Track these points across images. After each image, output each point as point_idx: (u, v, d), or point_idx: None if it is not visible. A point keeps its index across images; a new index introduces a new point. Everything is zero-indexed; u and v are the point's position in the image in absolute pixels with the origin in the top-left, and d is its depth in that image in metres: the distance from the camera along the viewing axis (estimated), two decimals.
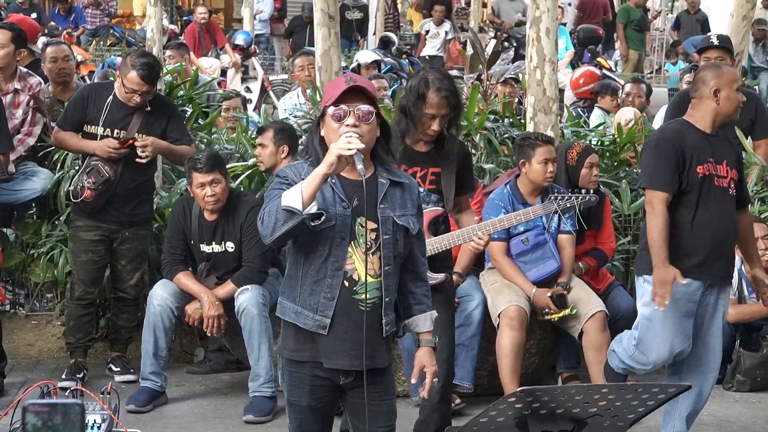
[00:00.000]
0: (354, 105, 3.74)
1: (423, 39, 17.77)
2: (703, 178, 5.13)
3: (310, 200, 3.65)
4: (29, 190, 6.86)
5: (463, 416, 5.98)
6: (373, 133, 3.79)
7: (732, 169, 5.21)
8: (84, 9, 18.51)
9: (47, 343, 7.18)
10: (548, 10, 7.08)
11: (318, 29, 8.24)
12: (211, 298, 6.15)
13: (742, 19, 8.70)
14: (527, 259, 6.25)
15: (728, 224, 5.19)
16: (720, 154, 5.20)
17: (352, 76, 3.84)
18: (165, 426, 5.94)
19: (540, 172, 6.20)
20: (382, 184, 3.84)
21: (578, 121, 8.93)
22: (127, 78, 6.27)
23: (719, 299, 5.28)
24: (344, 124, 3.73)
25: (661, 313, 5.13)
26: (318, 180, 3.65)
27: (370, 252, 3.79)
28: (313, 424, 3.96)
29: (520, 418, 3.48)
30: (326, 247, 3.77)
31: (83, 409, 2.61)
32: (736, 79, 5.23)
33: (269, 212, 3.71)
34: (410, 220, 3.87)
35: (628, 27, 17.73)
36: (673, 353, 5.23)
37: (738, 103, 5.21)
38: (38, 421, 2.57)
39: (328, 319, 3.79)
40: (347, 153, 3.64)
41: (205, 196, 6.11)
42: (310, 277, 3.82)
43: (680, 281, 5.01)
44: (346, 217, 3.77)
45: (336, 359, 3.82)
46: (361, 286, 3.79)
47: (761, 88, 16.44)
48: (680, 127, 5.32)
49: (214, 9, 21.96)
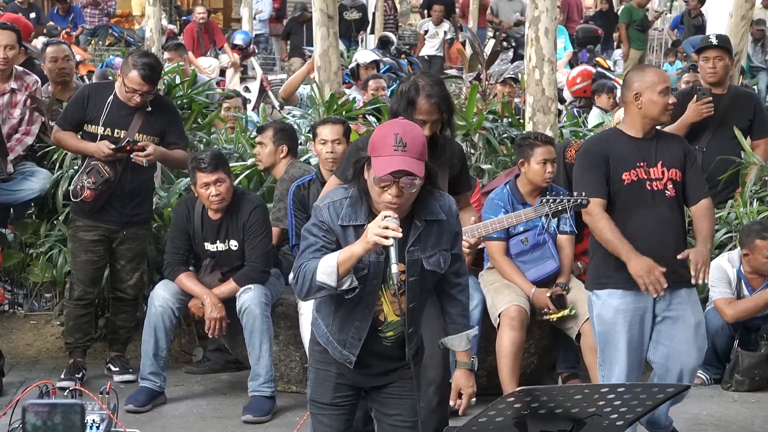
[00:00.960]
0: (400, 174, 3.67)
1: (422, 39, 17.78)
2: (630, 184, 5.06)
3: (345, 275, 3.72)
4: (28, 190, 6.86)
5: (461, 416, 5.97)
6: (415, 194, 3.77)
7: (670, 169, 5.10)
8: (83, 9, 18.52)
9: (46, 342, 7.18)
10: (547, 9, 7.08)
11: (317, 29, 8.26)
12: (213, 300, 6.15)
13: (740, 18, 8.71)
14: (526, 259, 6.25)
15: (664, 227, 5.08)
16: (654, 157, 5.10)
17: (402, 137, 3.68)
18: (164, 426, 5.94)
19: (539, 172, 6.20)
20: (416, 227, 3.83)
21: (577, 120, 8.94)
22: (128, 77, 6.27)
23: (674, 304, 5.13)
24: (387, 193, 3.70)
25: (612, 329, 5.10)
26: (354, 260, 3.70)
27: (399, 293, 3.83)
28: (333, 420, 3.98)
29: (519, 418, 3.48)
30: (359, 292, 3.82)
31: (83, 409, 2.62)
32: (660, 82, 5.07)
33: (304, 276, 3.75)
34: (441, 258, 3.87)
35: (630, 27, 17.75)
36: (632, 365, 5.13)
37: (663, 106, 5.06)
38: (38, 420, 2.57)
39: (354, 357, 3.90)
40: (384, 243, 3.65)
41: (210, 196, 6.10)
42: (342, 314, 3.89)
43: (660, 268, 4.94)
44: (379, 264, 3.79)
45: (360, 380, 3.96)
46: (386, 325, 3.89)
47: (760, 87, 16.47)
48: (607, 135, 5.36)
49: (213, 9, 21.97)
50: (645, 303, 5.11)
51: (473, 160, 7.67)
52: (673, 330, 5.15)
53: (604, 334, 5.20)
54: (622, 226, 5.06)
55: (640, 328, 5.13)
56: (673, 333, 5.16)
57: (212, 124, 8.19)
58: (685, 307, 5.16)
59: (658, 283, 4.97)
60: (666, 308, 5.14)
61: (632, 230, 5.06)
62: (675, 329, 5.15)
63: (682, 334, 5.16)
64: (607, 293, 5.16)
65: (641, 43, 17.92)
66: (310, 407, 4.05)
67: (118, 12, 20.60)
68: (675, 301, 5.14)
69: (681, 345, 5.16)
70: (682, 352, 5.17)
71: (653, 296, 5.05)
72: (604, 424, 3.55)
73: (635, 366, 5.17)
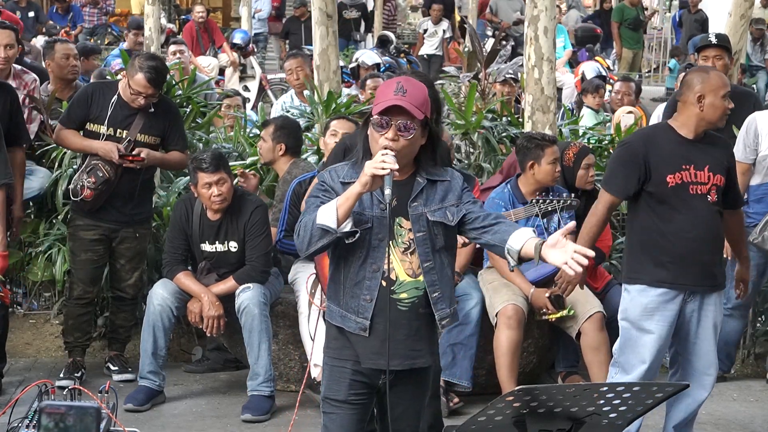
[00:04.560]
0: (397, 118, 3.73)
1: (421, 38, 17.78)
2: (674, 187, 5.03)
3: (344, 218, 3.69)
4: (27, 189, 6.84)
5: (461, 415, 5.98)
6: (413, 146, 3.79)
7: (716, 175, 5.08)
8: (82, 7, 18.52)
9: (45, 342, 7.18)
10: (546, 8, 7.08)
11: (316, 28, 8.25)
12: (212, 299, 6.15)
13: (740, 18, 8.72)
14: None
15: (705, 232, 5.07)
16: (702, 160, 5.07)
17: (403, 85, 3.78)
18: (163, 425, 5.94)
19: (549, 172, 6.21)
20: (419, 183, 3.84)
21: (576, 119, 8.94)
22: (133, 79, 6.27)
23: (704, 306, 5.17)
24: (384, 136, 3.73)
25: (639, 326, 5.11)
26: (353, 198, 3.68)
27: (409, 252, 3.81)
28: (346, 419, 3.92)
29: (518, 417, 3.48)
30: (364, 250, 3.79)
31: (99, 413, 2.60)
32: (723, 86, 5.08)
33: (305, 226, 3.75)
34: (447, 212, 3.84)
35: (622, 26, 17.74)
36: (653, 365, 5.15)
37: (723, 111, 5.08)
38: (50, 422, 2.56)
39: (367, 321, 3.81)
40: (380, 173, 3.65)
41: (212, 196, 6.10)
42: (351, 280, 3.84)
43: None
44: (383, 219, 3.77)
45: (376, 359, 3.83)
46: (399, 285, 3.81)
47: (759, 86, 16.48)
48: (655, 132, 5.31)
49: (212, 8, 21.97)
50: (676, 305, 5.11)
51: (472, 159, 7.67)
52: (698, 330, 5.19)
53: (628, 330, 5.18)
54: (661, 226, 5.06)
55: (669, 329, 5.12)
56: (699, 333, 5.20)
57: (211, 123, 8.19)
58: (713, 309, 5.19)
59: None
60: (695, 309, 5.16)
61: (670, 231, 5.06)
62: (700, 330, 5.19)
63: (704, 334, 5.20)
64: (638, 289, 5.15)
65: (634, 42, 17.90)
66: (323, 406, 3.98)
67: (117, 11, 20.59)
68: (706, 303, 5.17)
69: (704, 344, 5.21)
70: (707, 351, 5.22)
71: None
72: (603, 423, 3.55)
73: (656, 368, 5.18)
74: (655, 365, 5.17)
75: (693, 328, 5.19)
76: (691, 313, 5.16)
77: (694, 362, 5.24)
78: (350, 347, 3.88)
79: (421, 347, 3.88)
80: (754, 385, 6.94)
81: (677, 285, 5.09)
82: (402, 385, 3.89)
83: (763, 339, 7.28)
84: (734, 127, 7.23)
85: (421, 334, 3.87)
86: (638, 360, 5.16)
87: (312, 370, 6.02)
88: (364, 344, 3.84)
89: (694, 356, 5.23)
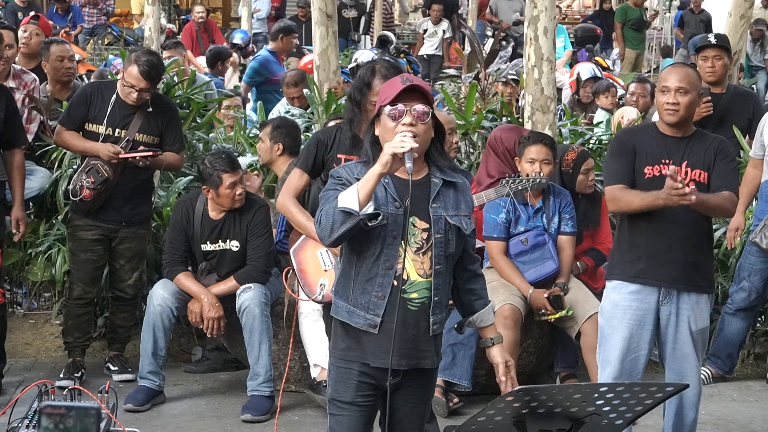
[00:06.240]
0: (411, 104, 3.76)
1: (420, 38, 17.79)
2: (650, 179, 4.96)
3: (366, 200, 3.67)
4: (27, 189, 6.83)
5: (461, 415, 5.98)
6: (428, 134, 3.81)
7: (695, 170, 4.98)
8: (82, 8, 18.52)
9: (45, 342, 7.18)
10: (546, 9, 7.08)
11: (316, 28, 8.25)
12: (212, 300, 6.15)
13: (740, 18, 8.73)
14: (526, 259, 6.24)
15: (680, 229, 4.96)
16: (680, 156, 4.99)
17: (408, 77, 3.84)
18: (163, 425, 5.94)
19: (525, 171, 6.18)
20: (435, 183, 3.85)
21: (576, 119, 8.93)
22: (127, 72, 6.27)
23: (680, 310, 5.02)
24: (401, 123, 3.74)
25: (609, 323, 5.05)
26: (374, 180, 3.67)
27: (421, 252, 3.81)
28: (353, 421, 3.90)
29: (518, 417, 3.48)
30: (378, 246, 3.78)
31: (99, 413, 2.59)
32: (664, 80, 4.97)
33: (326, 214, 3.73)
34: (463, 221, 3.87)
35: (625, 26, 17.75)
36: (621, 367, 5.04)
37: (661, 106, 4.97)
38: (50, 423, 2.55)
39: (378, 318, 3.80)
40: (401, 151, 3.64)
41: (236, 195, 6.14)
42: (362, 276, 3.83)
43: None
44: (398, 217, 3.77)
45: (384, 358, 3.80)
46: (410, 285, 3.81)
47: (759, 86, 16.49)
48: (641, 127, 5.33)
49: (212, 8, 21.98)
50: (648, 304, 5.01)
51: (472, 158, 7.67)
52: (677, 335, 5.05)
53: (602, 328, 5.16)
54: (638, 221, 4.98)
55: (639, 329, 5.02)
56: (677, 338, 5.06)
57: (211, 123, 8.19)
58: (688, 313, 5.03)
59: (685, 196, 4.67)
60: (672, 313, 5.03)
61: (646, 226, 4.97)
62: (678, 334, 5.04)
63: (683, 338, 5.05)
64: (613, 286, 5.11)
65: (637, 42, 17.92)
66: (329, 408, 3.96)
67: (117, 11, 20.60)
68: (682, 308, 5.03)
69: (683, 348, 5.06)
70: (686, 354, 5.07)
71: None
72: (603, 423, 3.55)
73: (627, 371, 5.05)
74: (624, 368, 5.04)
75: (671, 333, 5.05)
76: (667, 317, 5.03)
77: (674, 367, 5.12)
78: (357, 348, 3.86)
79: (428, 348, 3.89)
80: (754, 385, 6.94)
81: (649, 281, 4.99)
82: (408, 387, 3.89)
83: (763, 339, 7.28)
84: (734, 127, 7.26)
85: (428, 335, 3.87)
86: (605, 360, 5.11)
87: (312, 370, 6.04)
88: (373, 342, 3.83)
89: (674, 361, 5.11)
